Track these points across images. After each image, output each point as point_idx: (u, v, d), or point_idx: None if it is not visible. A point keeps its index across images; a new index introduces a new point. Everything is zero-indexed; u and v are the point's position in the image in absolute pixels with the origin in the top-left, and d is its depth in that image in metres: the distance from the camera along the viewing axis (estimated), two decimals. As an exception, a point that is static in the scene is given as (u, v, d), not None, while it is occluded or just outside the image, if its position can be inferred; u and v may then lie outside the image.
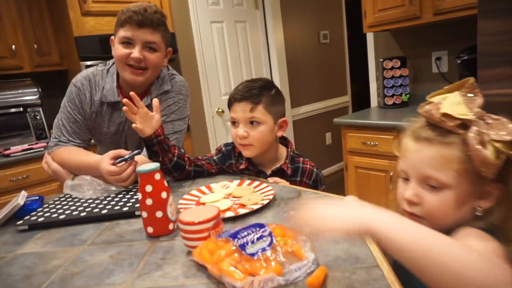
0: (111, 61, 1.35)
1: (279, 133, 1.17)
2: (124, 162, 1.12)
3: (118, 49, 1.22)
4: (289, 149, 1.21)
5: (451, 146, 0.63)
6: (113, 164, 1.12)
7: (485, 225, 0.63)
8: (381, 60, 2.48)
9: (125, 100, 1.06)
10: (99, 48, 2.43)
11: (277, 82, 3.50)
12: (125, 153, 1.14)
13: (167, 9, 2.79)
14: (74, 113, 1.31)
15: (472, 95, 0.64)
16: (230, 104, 1.16)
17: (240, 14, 3.32)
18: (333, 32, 3.96)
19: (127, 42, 1.20)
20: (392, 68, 2.46)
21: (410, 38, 2.57)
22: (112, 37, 1.26)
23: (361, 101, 4.32)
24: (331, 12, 3.92)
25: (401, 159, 0.71)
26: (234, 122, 1.15)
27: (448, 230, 0.66)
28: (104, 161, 1.12)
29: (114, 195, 1.11)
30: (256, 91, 1.11)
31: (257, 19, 3.45)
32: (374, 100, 2.84)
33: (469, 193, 0.64)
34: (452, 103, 0.63)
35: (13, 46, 2.46)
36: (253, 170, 1.20)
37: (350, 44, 4.19)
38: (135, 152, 1.13)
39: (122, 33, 1.19)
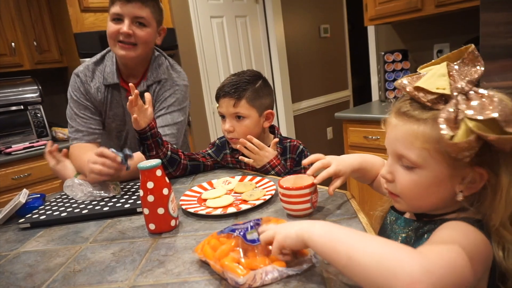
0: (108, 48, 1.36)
1: (266, 124, 1.21)
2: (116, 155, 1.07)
3: (109, 27, 1.23)
4: (277, 133, 1.25)
5: (425, 123, 0.56)
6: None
7: (475, 215, 0.58)
8: (382, 53, 2.46)
9: (131, 85, 1.05)
10: (99, 44, 2.40)
11: (277, 76, 3.49)
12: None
13: (167, 4, 2.77)
14: (82, 101, 1.33)
15: (471, 65, 0.56)
16: (216, 99, 1.21)
17: (240, 8, 3.29)
18: (334, 26, 3.94)
19: (117, 19, 1.22)
20: (393, 61, 2.44)
21: (411, 30, 2.55)
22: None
23: (362, 95, 4.30)
24: (331, 5, 3.89)
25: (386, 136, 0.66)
26: (223, 116, 1.20)
27: (433, 215, 0.64)
28: (92, 156, 1.09)
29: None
30: (239, 86, 1.14)
31: (257, 14, 3.42)
32: (375, 94, 2.83)
33: (447, 177, 0.58)
34: (433, 75, 0.56)
35: (13, 44, 2.45)
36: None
37: (351, 38, 4.17)
38: (130, 153, 1.10)
39: (112, 10, 1.22)
